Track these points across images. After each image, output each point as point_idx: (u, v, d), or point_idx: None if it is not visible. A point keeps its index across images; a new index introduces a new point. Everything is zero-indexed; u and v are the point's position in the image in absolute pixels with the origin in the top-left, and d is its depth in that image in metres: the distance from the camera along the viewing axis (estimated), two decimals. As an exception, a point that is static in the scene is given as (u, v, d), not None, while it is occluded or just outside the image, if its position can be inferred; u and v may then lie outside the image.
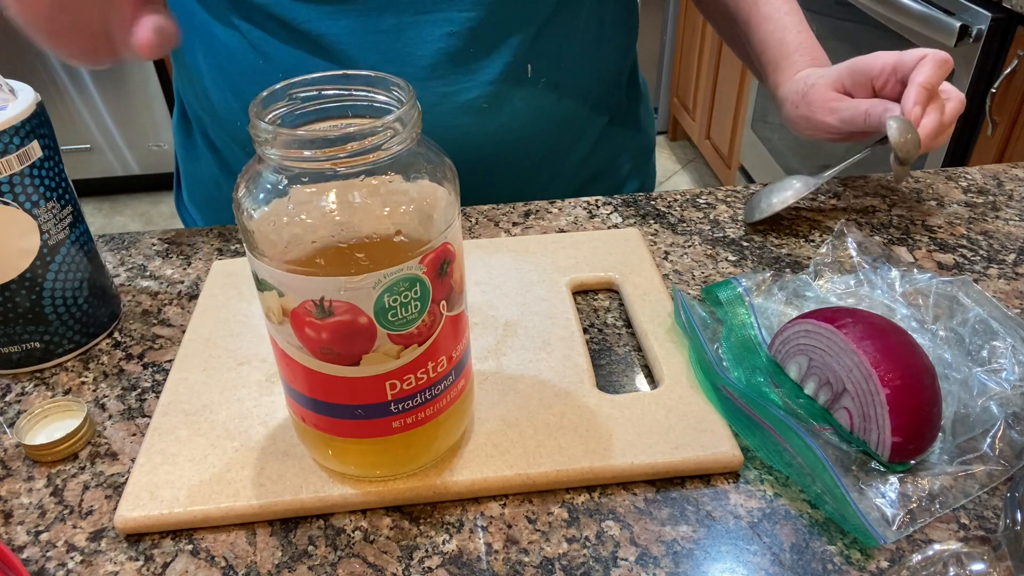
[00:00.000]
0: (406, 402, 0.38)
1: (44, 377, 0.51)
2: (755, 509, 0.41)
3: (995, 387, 0.45)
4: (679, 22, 2.78)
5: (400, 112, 0.33)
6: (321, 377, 0.36)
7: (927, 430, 0.42)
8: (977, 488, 0.41)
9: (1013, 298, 0.56)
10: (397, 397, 0.37)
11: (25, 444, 0.44)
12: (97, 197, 2.78)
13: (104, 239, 0.65)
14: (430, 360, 0.37)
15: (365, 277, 0.33)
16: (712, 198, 0.68)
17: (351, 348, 0.35)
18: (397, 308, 0.34)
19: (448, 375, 0.39)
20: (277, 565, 0.39)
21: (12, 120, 0.45)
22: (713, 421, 0.44)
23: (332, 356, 0.35)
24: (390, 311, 0.34)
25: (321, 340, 0.35)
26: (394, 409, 0.38)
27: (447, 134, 0.64)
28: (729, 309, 0.52)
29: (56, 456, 0.44)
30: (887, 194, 0.69)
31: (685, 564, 0.39)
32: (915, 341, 0.44)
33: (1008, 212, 0.66)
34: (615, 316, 0.55)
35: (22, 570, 0.35)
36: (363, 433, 0.38)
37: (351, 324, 0.34)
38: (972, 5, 1.32)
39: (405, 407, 0.38)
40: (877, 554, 0.39)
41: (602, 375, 0.50)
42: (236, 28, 0.64)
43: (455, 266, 0.36)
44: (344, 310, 0.34)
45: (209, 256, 0.62)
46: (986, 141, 1.35)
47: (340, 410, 0.38)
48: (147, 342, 0.53)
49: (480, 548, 0.40)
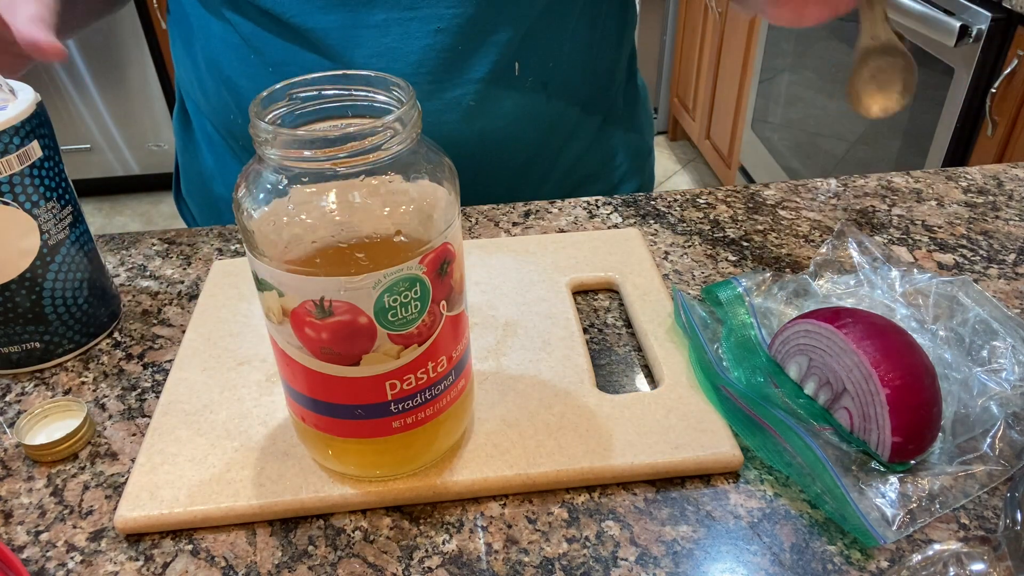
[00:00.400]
0: (406, 402, 0.38)
1: (44, 377, 0.51)
2: (755, 509, 0.41)
3: (995, 387, 0.45)
4: (679, 22, 2.78)
5: (400, 112, 0.33)
6: (321, 377, 0.36)
7: (927, 430, 0.42)
8: (977, 488, 0.41)
9: (1013, 298, 0.56)
10: (397, 397, 0.37)
11: (25, 444, 0.44)
12: (97, 197, 2.78)
13: (104, 239, 0.65)
14: (430, 360, 0.37)
15: (365, 277, 0.33)
16: (712, 198, 0.68)
17: (351, 348, 0.35)
18: (397, 308, 0.34)
19: (448, 375, 0.39)
20: (277, 565, 0.39)
21: (12, 120, 0.45)
22: (713, 421, 0.44)
23: (332, 356, 0.35)
24: (390, 311, 0.34)
25: (321, 340, 0.35)
26: (394, 409, 0.38)
27: (433, 132, 0.64)
28: (729, 309, 0.52)
29: (56, 456, 0.44)
30: (887, 194, 0.69)
31: (685, 564, 0.39)
32: (915, 341, 0.44)
33: (1008, 212, 0.66)
34: (615, 316, 0.55)
35: (22, 570, 0.35)
36: (363, 433, 0.38)
37: (351, 324, 0.34)
38: (972, 5, 1.32)
39: (405, 407, 0.38)
40: (877, 554, 0.39)
41: (602, 375, 0.50)
42: (228, 21, 0.64)
43: (455, 266, 0.36)
44: (344, 310, 0.34)
45: (209, 256, 0.62)
46: (986, 141, 1.35)
47: (340, 410, 0.38)
48: (147, 342, 0.53)
49: (480, 548, 0.40)
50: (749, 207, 0.67)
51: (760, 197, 0.69)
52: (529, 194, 0.72)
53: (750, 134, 2.29)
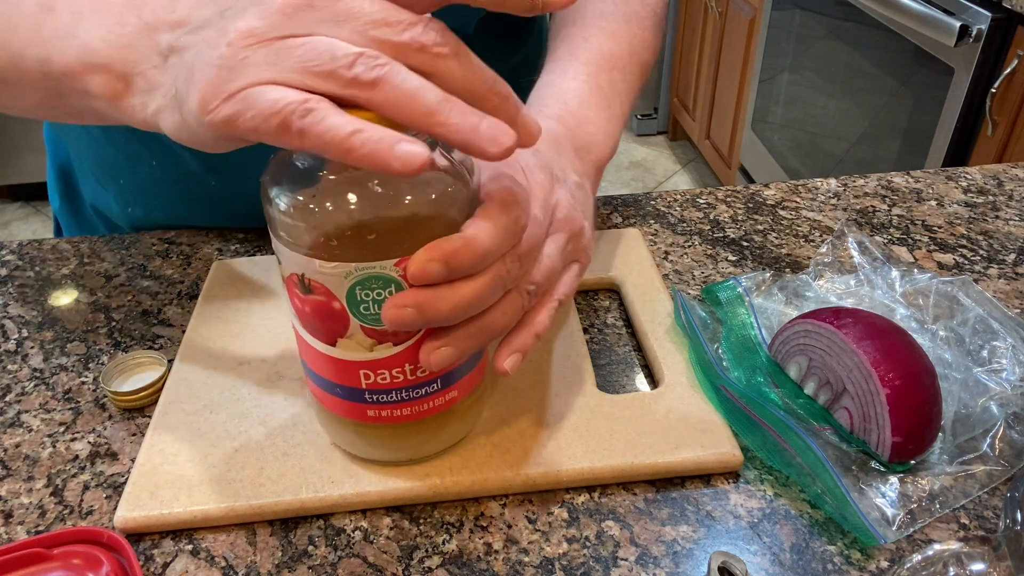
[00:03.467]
0: (381, 395, 0.38)
1: (44, 377, 0.51)
2: (755, 509, 0.41)
3: (995, 387, 0.45)
4: (679, 22, 2.78)
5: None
6: (308, 347, 0.38)
7: (927, 430, 0.42)
8: (977, 488, 0.41)
9: (1013, 298, 0.56)
10: (371, 388, 0.38)
11: (112, 391, 0.47)
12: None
13: (104, 239, 0.65)
14: (408, 363, 0.37)
15: (337, 266, 0.33)
16: (712, 198, 0.68)
17: (327, 328, 0.36)
18: (369, 303, 0.34)
19: (432, 383, 0.38)
20: (277, 565, 0.39)
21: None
22: (713, 421, 0.44)
23: (314, 331, 0.36)
24: (362, 304, 0.34)
25: (305, 313, 0.36)
26: (368, 399, 0.38)
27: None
28: (729, 309, 0.52)
29: (139, 403, 0.48)
30: (887, 194, 0.69)
31: (685, 564, 0.39)
32: (915, 341, 0.44)
33: (1008, 212, 0.66)
34: (615, 316, 0.55)
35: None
36: (343, 411, 0.39)
37: (326, 306, 0.35)
38: (972, 5, 1.32)
39: (380, 400, 0.38)
40: (877, 554, 0.39)
41: (602, 375, 0.50)
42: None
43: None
44: (321, 291, 0.34)
45: (209, 256, 0.62)
46: (986, 141, 1.35)
47: (324, 383, 0.39)
48: (147, 342, 0.53)
49: (480, 548, 0.40)
50: (749, 207, 0.67)
51: (760, 197, 0.69)
52: None
53: (750, 134, 2.29)
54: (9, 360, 0.52)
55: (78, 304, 0.57)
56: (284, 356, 0.50)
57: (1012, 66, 1.26)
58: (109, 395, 0.48)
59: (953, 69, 1.38)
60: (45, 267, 0.61)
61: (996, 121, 1.31)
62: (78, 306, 0.57)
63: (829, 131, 1.91)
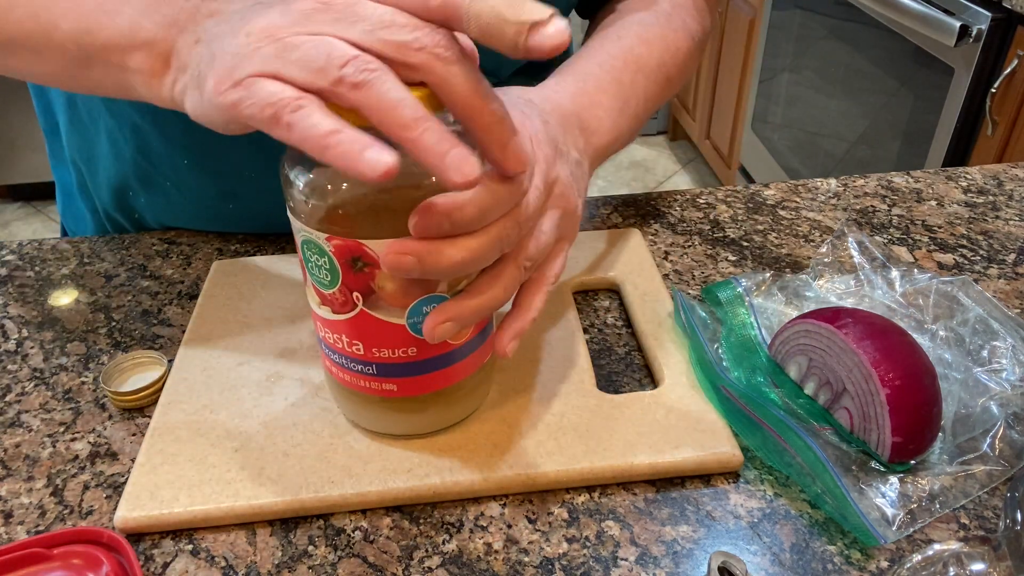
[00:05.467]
0: (332, 355, 0.41)
1: (44, 377, 0.51)
2: (755, 509, 0.41)
3: (995, 387, 0.45)
4: (679, 22, 2.77)
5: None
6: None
7: (927, 430, 0.42)
8: (977, 488, 0.41)
9: (1013, 298, 0.56)
10: (325, 343, 0.41)
11: (111, 391, 0.47)
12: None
13: (104, 239, 0.65)
14: (345, 334, 0.39)
15: (292, 220, 0.36)
16: (712, 198, 0.68)
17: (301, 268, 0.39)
18: (312, 264, 0.37)
19: (366, 365, 0.39)
20: (277, 565, 0.39)
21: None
22: (713, 421, 0.44)
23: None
24: (308, 261, 0.37)
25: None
26: (326, 351, 0.41)
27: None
28: (729, 309, 0.52)
29: (139, 403, 0.48)
30: (887, 194, 0.69)
31: (685, 564, 0.39)
32: (915, 341, 0.44)
33: (1008, 212, 0.66)
34: (615, 316, 0.55)
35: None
36: (324, 361, 0.43)
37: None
38: (972, 5, 1.32)
39: (333, 360, 0.41)
40: (877, 554, 0.39)
41: (602, 375, 0.50)
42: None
43: (383, 277, 0.36)
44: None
45: (209, 256, 0.62)
46: (986, 141, 1.35)
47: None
48: (147, 342, 0.53)
49: (480, 548, 0.40)
50: (749, 207, 0.67)
51: (760, 197, 0.69)
52: None
53: (750, 134, 2.29)
54: (9, 360, 0.52)
55: (78, 304, 0.57)
56: (284, 356, 0.50)
57: (1012, 66, 1.26)
58: (109, 395, 0.48)
59: (953, 69, 1.38)
60: (45, 267, 0.61)
61: (996, 121, 1.31)
62: (78, 306, 0.57)
63: (829, 131, 1.91)
